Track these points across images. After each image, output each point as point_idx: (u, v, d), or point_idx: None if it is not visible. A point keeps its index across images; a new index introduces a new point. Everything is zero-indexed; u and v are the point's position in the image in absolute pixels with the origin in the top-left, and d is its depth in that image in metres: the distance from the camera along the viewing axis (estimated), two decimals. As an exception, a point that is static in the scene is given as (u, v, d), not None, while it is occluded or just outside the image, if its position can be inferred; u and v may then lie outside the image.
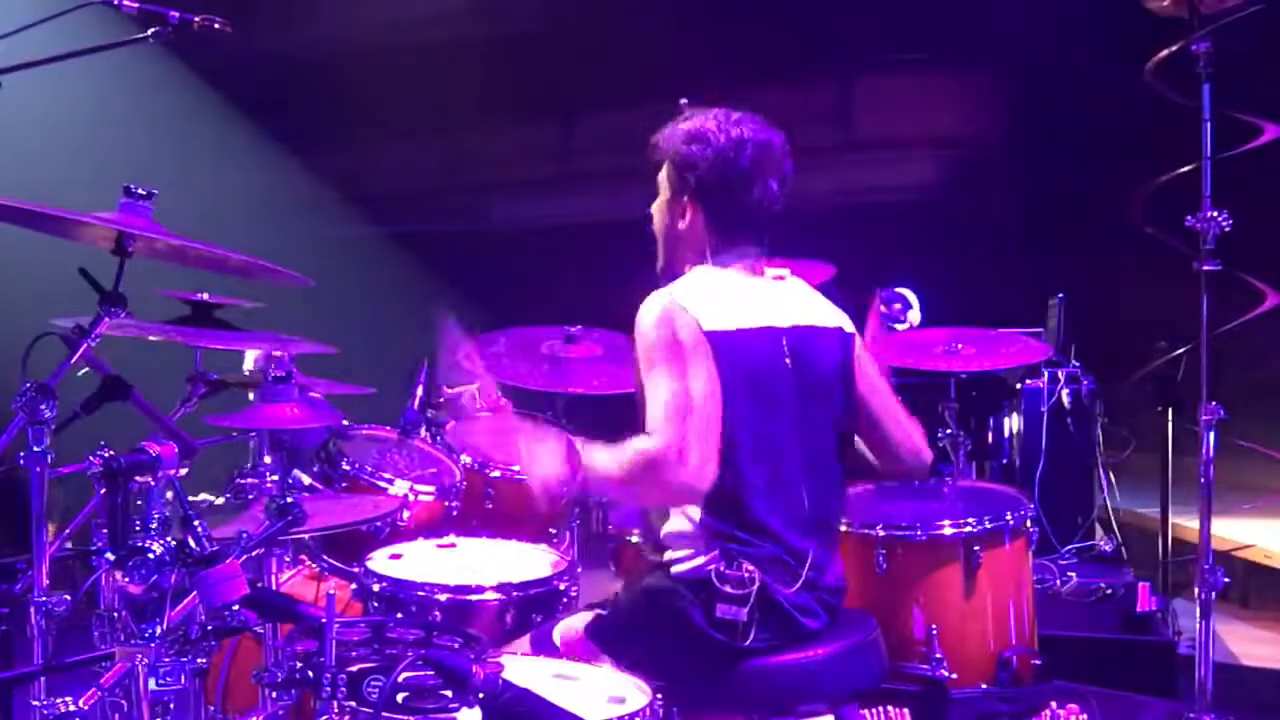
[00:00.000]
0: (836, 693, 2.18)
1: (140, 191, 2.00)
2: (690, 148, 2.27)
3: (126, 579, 1.57)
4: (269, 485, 2.64)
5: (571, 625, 2.33)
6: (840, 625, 2.28)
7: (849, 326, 2.41)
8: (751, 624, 2.11)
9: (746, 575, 2.11)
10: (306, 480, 2.93)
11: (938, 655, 2.96)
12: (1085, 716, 3.01)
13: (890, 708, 2.87)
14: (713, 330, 2.17)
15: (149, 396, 2.05)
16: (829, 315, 2.39)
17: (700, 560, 2.19)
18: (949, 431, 3.72)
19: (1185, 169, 3.41)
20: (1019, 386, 4.54)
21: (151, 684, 1.60)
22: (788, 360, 2.25)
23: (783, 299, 2.33)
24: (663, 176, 2.36)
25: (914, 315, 4.87)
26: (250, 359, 4.96)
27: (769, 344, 2.25)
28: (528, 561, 2.76)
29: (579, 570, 2.78)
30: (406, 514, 3.16)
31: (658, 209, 2.39)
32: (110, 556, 1.60)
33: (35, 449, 1.89)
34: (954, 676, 2.97)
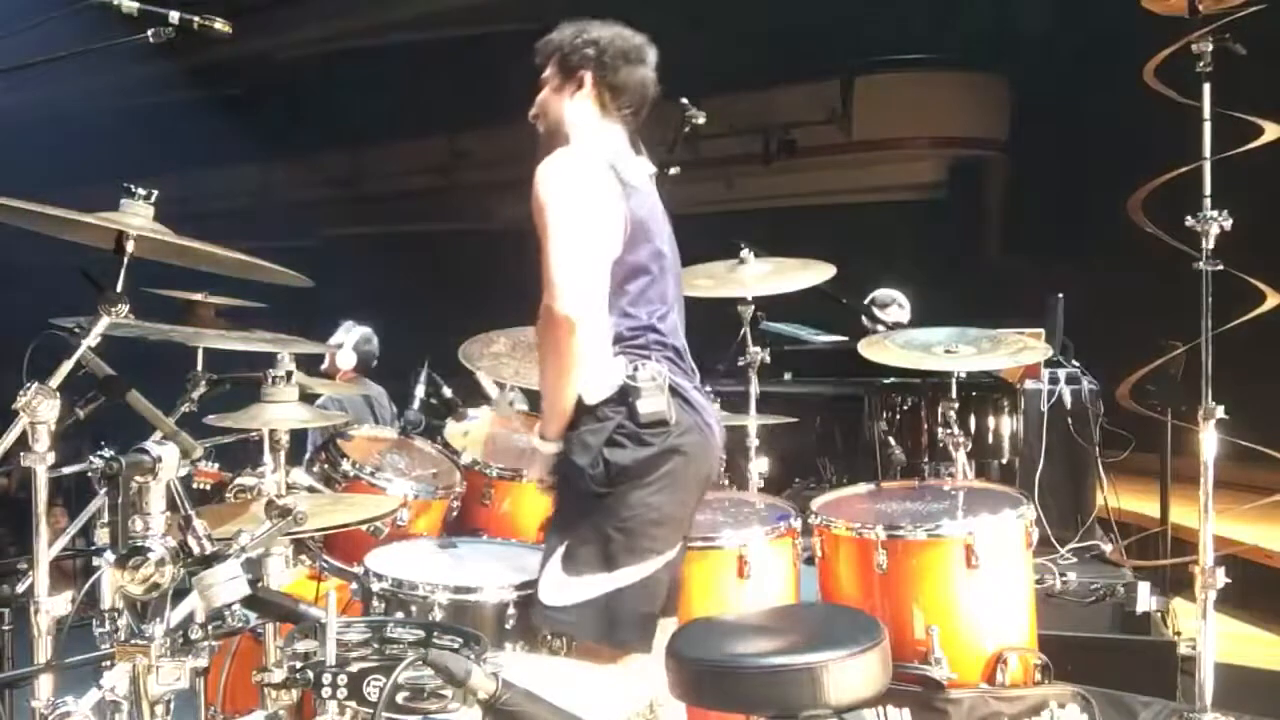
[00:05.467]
0: (841, 699, 2.17)
1: (140, 191, 2.00)
2: (585, 34, 2.54)
3: (127, 579, 1.57)
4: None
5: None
6: (848, 629, 2.27)
7: None
8: (671, 412, 2.36)
9: (654, 370, 2.38)
10: (306, 480, 2.93)
11: (938, 655, 2.97)
12: (1085, 717, 3.01)
13: (890, 708, 2.87)
14: (629, 180, 2.44)
15: (149, 396, 2.04)
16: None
17: (605, 372, 2.37)
18: (949, 431, 3.72)
19: (1185, 169, 3.41)
20: (1019, 386, 4.53)
21: (151, 684, 1.60)
22: (666, 224, 2.58)
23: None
24: (549, 73, 2.57)
25: (904, 314, 4.87)
26: (344, 357, 5.00)
27: (657, 204, 2.58)
28: (528, 561, 2.76)
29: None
30: (406, 514, 3.17)
31: (545, 97, 2.58)
32: (111, 556, 1.60)
33: (35, 449, 1.89)
34: (954, 676, 2.97)
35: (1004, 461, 4.51)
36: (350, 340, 5.30)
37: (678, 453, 2.37)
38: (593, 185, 2.40)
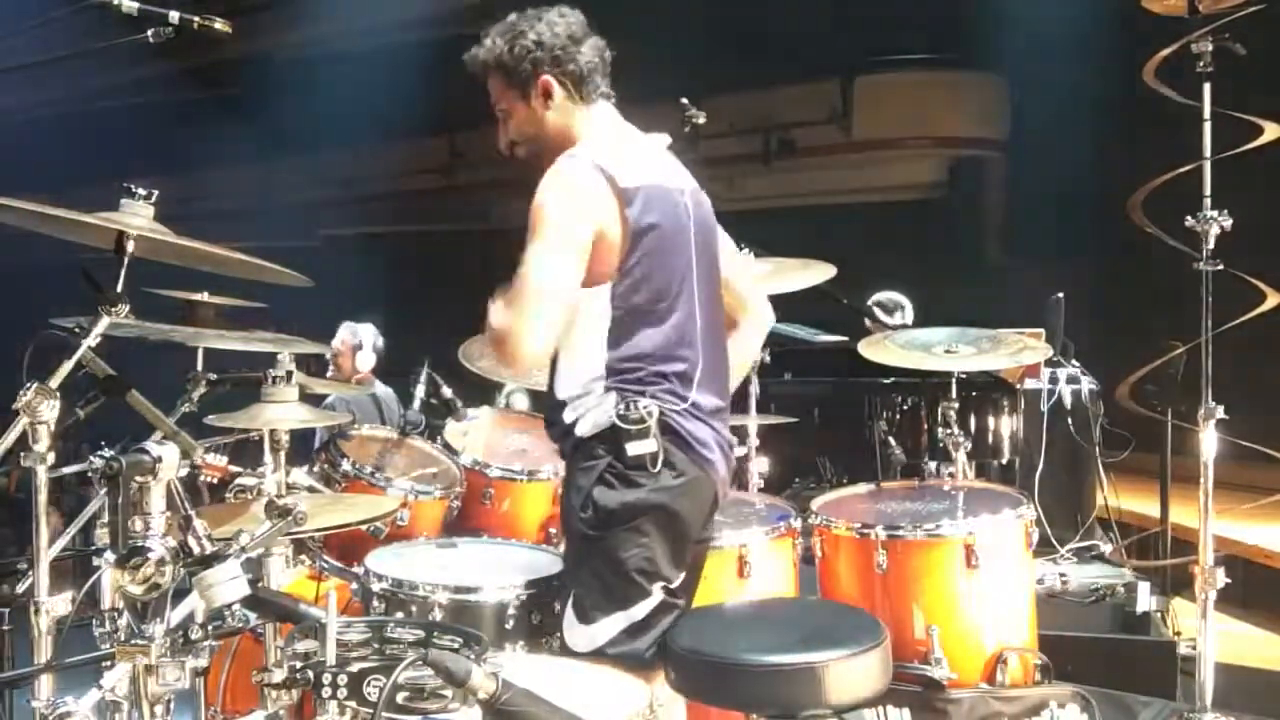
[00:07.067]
0: (841, 699, 2.17)
1: (140, 191, 2.00)
2: (517, 42, 2.33)
3: (127, 579, 1.57)
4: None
5: None
6: (848, 629, 2.27)
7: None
8: (660, 452, 2.22)
9: (645, 411, 2.22)
10: (307, 480, 2.93)
11: (938, 655, 2.97)
12: (1085, 717, 3.01)
13: (890, 707, 2.87)
14: (628, 186, 2.25)
15: (149, 396, 2.05)
16: (692, 179, 2.49)
17: (599, 407, 2.25)
18: (949, 431, 3.72)
19: (1185, 169, 3.41)
20: (1019, 386, 4.53)
21: (151, 684, 1.60)
22: (690, 220, 2.37)
23: (669, 158, 2.44)
24: (501, 92, 2.38)
25: (908, 318, 4.88)
26: (365, 358, 5.01)
27: (675, 201, 2.35)
28: (528, 561, 2.77)
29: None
30: (406, 514, 3.17)
31: (522, 121, 2.38)
32: (111, 556, 1.60)
33: (35, 449, 1.89)
34: (954, 676, 2.97)
35: (1004, 461, 4.51)
36: (369, 341, 5.34)
37: (669, 492, 2.25)
38: (581, 205, 2.22)
